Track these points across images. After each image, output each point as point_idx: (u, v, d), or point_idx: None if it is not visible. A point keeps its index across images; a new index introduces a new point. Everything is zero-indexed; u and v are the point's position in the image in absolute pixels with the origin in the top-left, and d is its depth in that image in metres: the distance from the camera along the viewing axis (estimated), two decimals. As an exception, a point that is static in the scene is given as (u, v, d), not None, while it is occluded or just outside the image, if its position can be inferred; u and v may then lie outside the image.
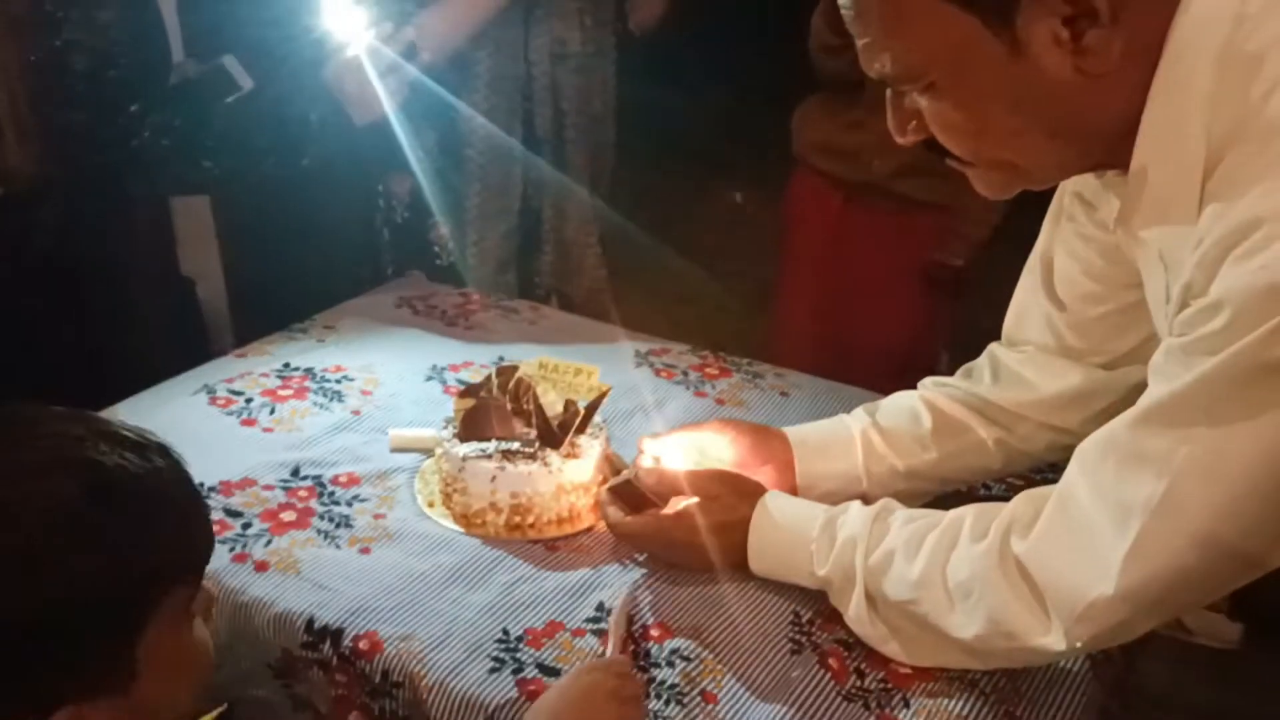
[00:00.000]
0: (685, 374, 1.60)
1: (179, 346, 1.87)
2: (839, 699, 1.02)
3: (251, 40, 1.71)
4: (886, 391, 1.58)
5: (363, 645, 1.05)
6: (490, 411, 1.26)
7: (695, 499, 1.14)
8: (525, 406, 1.27)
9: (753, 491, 1.14)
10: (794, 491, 1.23)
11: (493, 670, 1.02)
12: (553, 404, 1.27)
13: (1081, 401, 1.16)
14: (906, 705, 1.01)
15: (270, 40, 1.72)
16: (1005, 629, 0.94)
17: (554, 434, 1.24)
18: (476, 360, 1.59)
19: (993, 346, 1.25)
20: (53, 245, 1.65)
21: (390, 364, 1.56)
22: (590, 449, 1.26)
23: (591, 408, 1.28)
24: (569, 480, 1.23)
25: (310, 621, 1.08)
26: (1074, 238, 1.12)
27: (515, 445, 1.24)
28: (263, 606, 1.10)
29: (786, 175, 2.39)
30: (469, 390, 1.31)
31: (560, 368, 1.32)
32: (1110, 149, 0.86)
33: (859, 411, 1.28)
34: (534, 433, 1.25)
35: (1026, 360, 1.20)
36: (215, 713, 0.98)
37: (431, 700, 1.01)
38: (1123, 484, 0.85)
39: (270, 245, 1.96)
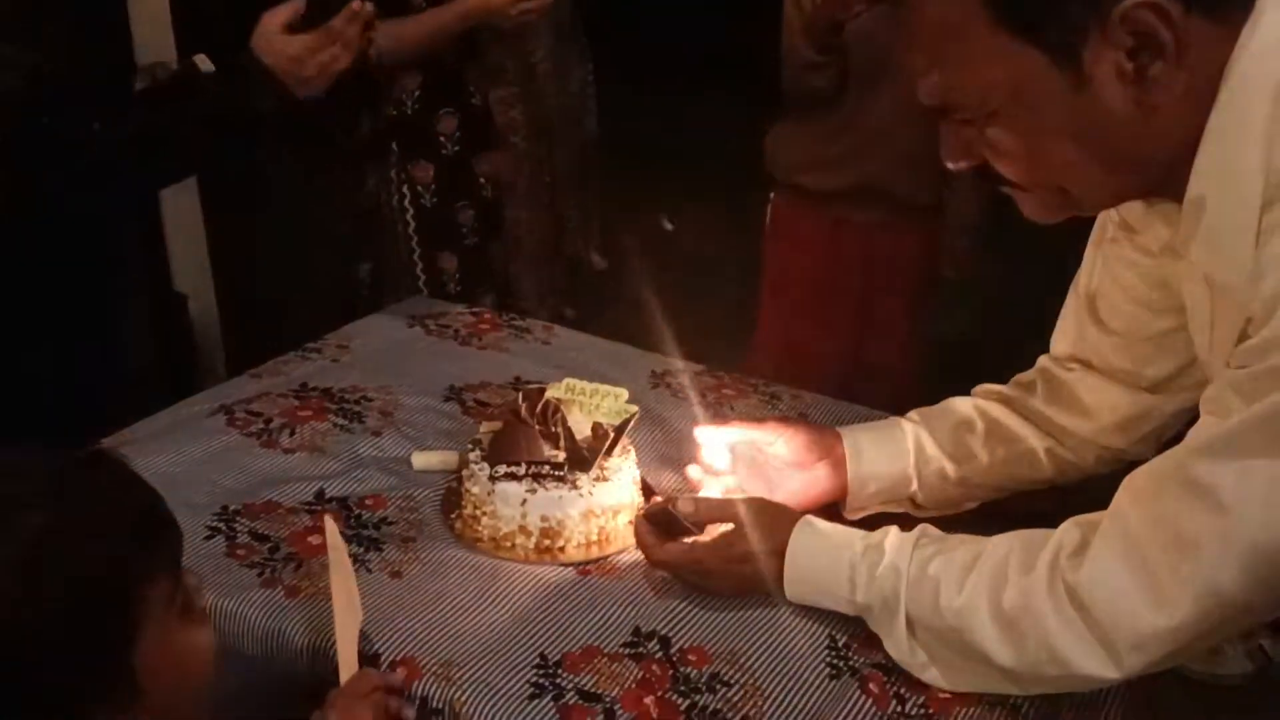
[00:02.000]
0: (703, 395, 1.60)
1: (170, 363, 1.85)
2: (880, 724, 1.02)
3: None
4: (885, 407, 1.59)
5: (401, 672, 1.04)
6: (519, 434, 1.25)
7: (731, 526, 1.14)
8: (554, 429, 1.27)
9: (789, 519, 1.14)
10: (844, 490, 1.25)
11: (533, 696, 1.02)
12: (580, 426, 1.27)
13: (1131, 425, 1.17)
14: (949, 730, 1.01)
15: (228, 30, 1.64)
16: (1056, 657, 0.94)
17: (584, 457, 1.24)
18: (494, 380, 1.59)
19: (1044, 360, 1.26)
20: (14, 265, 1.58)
21: (408, 384, 1.55)
22: (619, 472, 1.26)
23: (620, 430, 1.28)
24: (599, 504, 1.23)
25: (346, 647, 1.06)
26: (1117, 262, 1.12)
27: (545, 468, 1.23)
28: (296, 632, 1.09)
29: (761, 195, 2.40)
30: (496, 413, 1.30)
31: (587, 390, 1.31)
32: (1164, 178, 0.87)
33: (913, 414, 1.29)
34: (563, 456, 1.25)
35: (1077, 381, 1.21)
36: None
37: (473, 727, 1.00)
38: (1181, 516, 0.85)
39: (265, 260, 1.93)
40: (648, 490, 1.33)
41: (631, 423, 1.30)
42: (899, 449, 1.25)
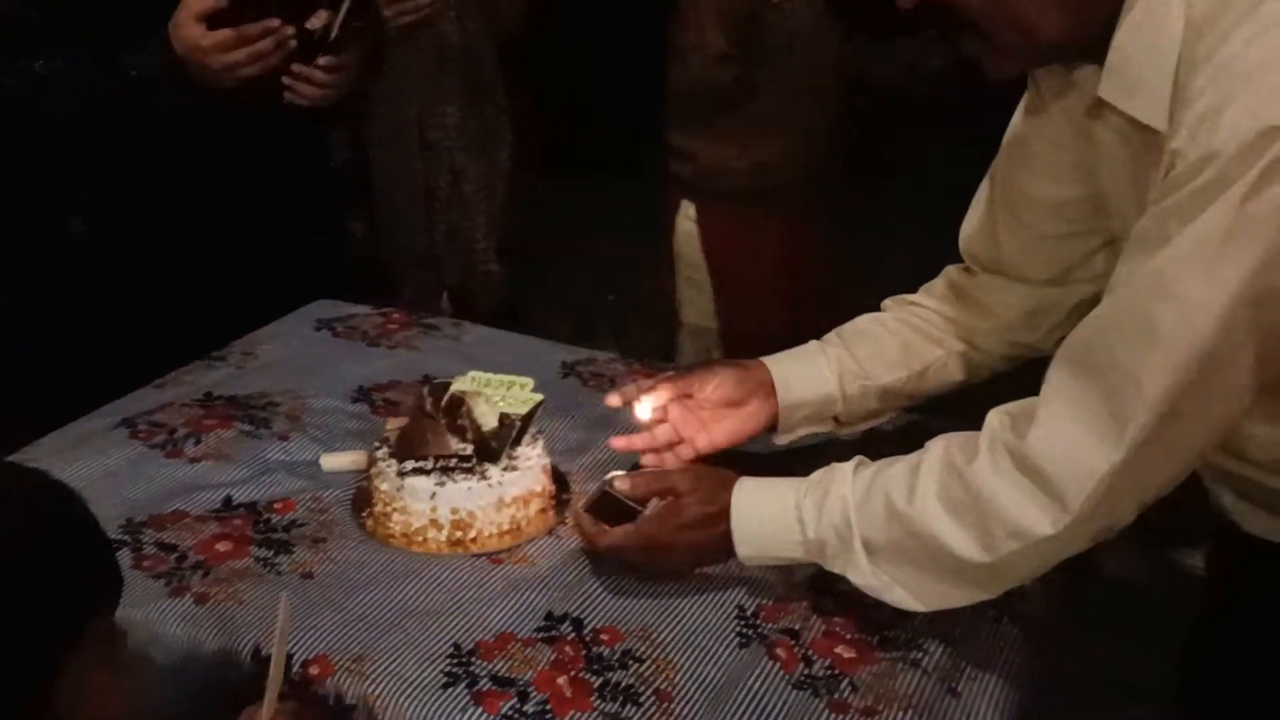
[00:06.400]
0: (613, 382, 1.61)
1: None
2: (789, 688, 1.05)
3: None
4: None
5: (314, 670, 1.04)
6: (425, 430, 1.26)
7: (671, 498, 1.14)
8: (460, 422, 1.27)
9: (726, 480, 1.14)
10: (775, 419, 1.29)
11: (446, 685, 1.03)
12: (486, 417, 1.28)
13: (1034, 319, 1.24)
14: (855, 689, 1.04)
15: None
16: (1014, 528, 0.95)
17: (492, 448, 1.25)
18: (403, 379, 1.59)
19: (949, 269, 1.33)
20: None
21: (316, 387, 1.54)
22: (528, 460, 1.27)
23: (527, 419, 1.29)
24: (509, 493, 1.24)
25: (257, 650, 1.06)
26: (1033, 133, 1.17)
27: (453, 461, 1.24)
28: (207, 639, 1.09)
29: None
30: (402, 409, 1.30)
31: (493, 382, 1.32)
32: (1100, 28, 0.93)
33: (831, 336, 1.33)
34: (471, 448, 1.26)
35: (980, 284, 1.28)
36: None
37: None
38: (1119, 353, 0.89)
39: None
40: (559, 478, 1.35)
41: (538, 411, 1.31)
42: (823, 374, 1.30)
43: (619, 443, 1.32)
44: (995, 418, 1.01)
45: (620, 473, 1.21)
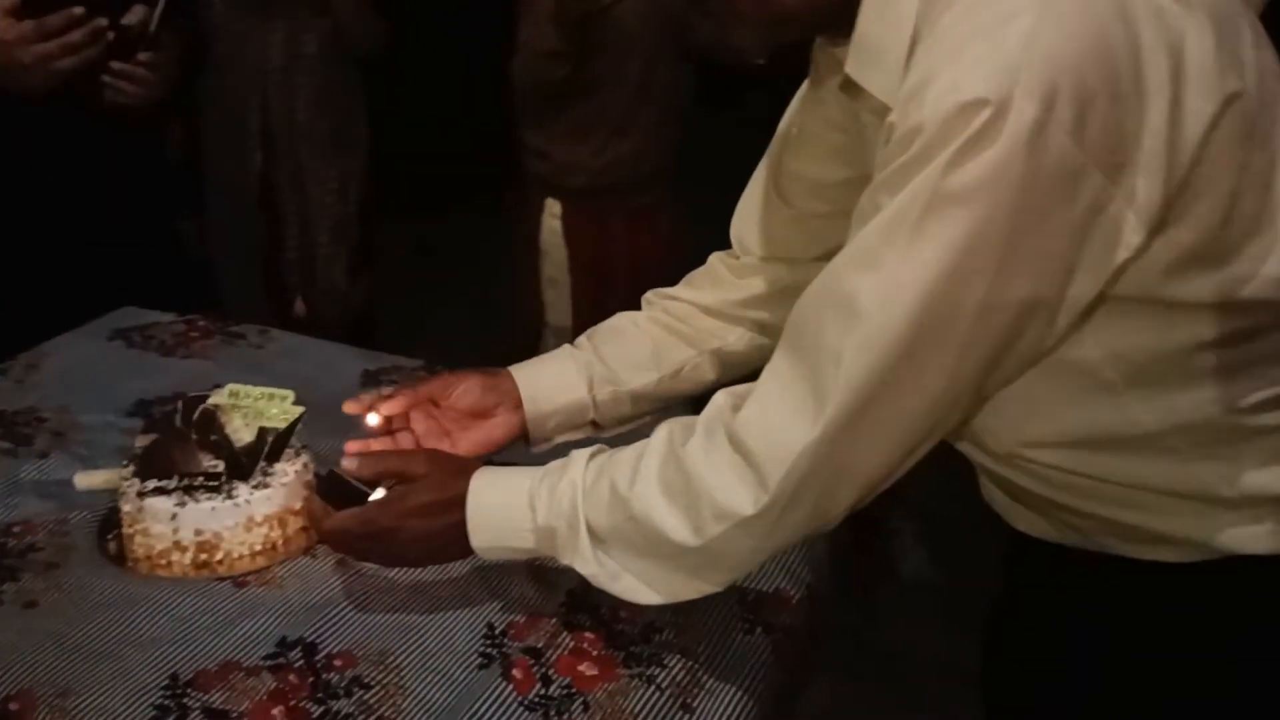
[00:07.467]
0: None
1: None
2: (520, 709, 1.01)
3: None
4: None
5: (13, 706, 0.99)
6: (172, 446, 1.21)
7: (403, 482, 1.08)
8: (213, 438, 1.22)
9: (466, 466, 1.08)
10: (525, 429, 1.24)
11: (154, 720, 0.98)
12: (241, 433, 1.23)
13: (785, 298, 1.17)
14: (586, 708, 1.01)
15: None
16: (719, 509, 0.91)
17: (242, 464, 1.20)
18: (190, 391, 1.51)
19: (714, 256, 1.30)
20: None
21: (91, 402, 1.48)
22: (284, 477, 1.22)
23: (285, 434, 1.24)
24: (260, 512, 1.19)
25: (-44, 688, 1.00)
26: (806, 114, 1.15)
27: (199, 480, 1.18)
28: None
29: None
30: (151, 425, 1.25)
31: (252, 394, 1.27)
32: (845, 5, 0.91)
33: (583, 339, 1.29)
34: (223, 465, 1.21)
35: (742, 267, 1.26)
36: None
37: (88, 759, 0.96)
38: (824, 329, 0.86)
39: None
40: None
41: (298, 425, 1.26)
42: (572, 380, 1.25)
43: (353, 447, 1.21)
44: (719, 397, 0.98)
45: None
